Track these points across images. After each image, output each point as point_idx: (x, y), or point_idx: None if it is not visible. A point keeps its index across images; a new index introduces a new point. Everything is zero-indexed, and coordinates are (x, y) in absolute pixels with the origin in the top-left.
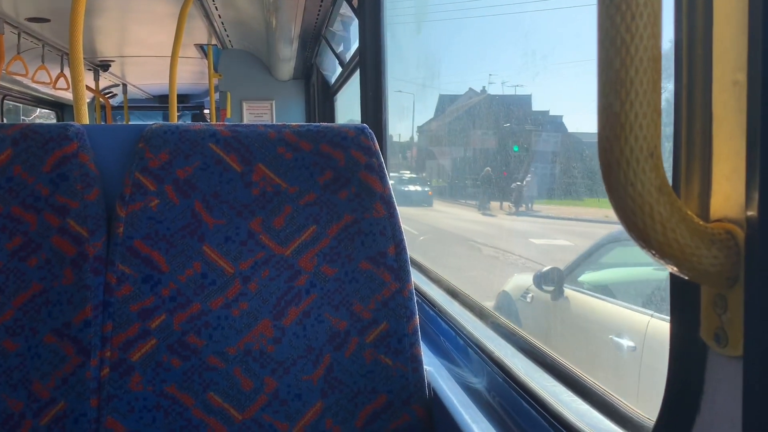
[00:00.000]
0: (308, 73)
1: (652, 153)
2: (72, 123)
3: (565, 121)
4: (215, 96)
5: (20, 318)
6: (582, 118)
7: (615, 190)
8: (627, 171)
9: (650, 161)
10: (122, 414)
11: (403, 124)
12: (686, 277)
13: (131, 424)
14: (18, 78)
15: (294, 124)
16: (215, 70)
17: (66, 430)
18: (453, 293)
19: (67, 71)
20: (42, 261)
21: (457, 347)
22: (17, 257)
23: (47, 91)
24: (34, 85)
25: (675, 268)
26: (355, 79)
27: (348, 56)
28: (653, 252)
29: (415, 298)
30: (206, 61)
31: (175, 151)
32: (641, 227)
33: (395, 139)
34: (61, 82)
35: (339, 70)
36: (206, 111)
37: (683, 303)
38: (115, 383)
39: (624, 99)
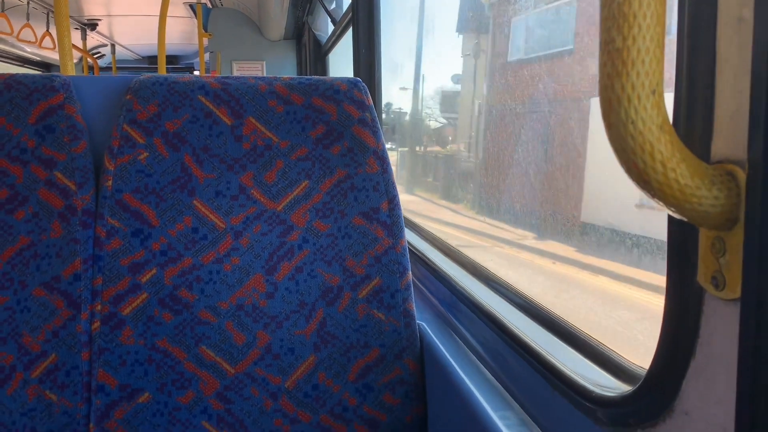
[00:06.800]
0: (300, 33)
1: (654, 90)
2: (58, 74)
3: None
4: (205, 56)
5: (8, 271)
6: None
7: (615, 128)
8: (628, 108)
9: (652, 98)
10: (114, 367)
11: None
12: (685, 219)
13: (123, 378)
14: (2, 36)
15: (285, 77)
16: (205, 29)
17: (58, 383)
18: (446, 250)
19: (53, 30)
20: (29, 214)
21: (450, 302)
22: (4, 210)
23: (33, 50)
24: (19, 44)
25: (674, 210)
26: (348, 39)
27: (340, 15)
28: (652, 193)
29: (408, 254)
30: (196, 21)
31: (163, 103)
32: (641, 167)
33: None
34: (47, 42)
35: (331, 29)
36: (196, 72)
37: (680, 247)
38: (105, 337)
39: (626, 34)
